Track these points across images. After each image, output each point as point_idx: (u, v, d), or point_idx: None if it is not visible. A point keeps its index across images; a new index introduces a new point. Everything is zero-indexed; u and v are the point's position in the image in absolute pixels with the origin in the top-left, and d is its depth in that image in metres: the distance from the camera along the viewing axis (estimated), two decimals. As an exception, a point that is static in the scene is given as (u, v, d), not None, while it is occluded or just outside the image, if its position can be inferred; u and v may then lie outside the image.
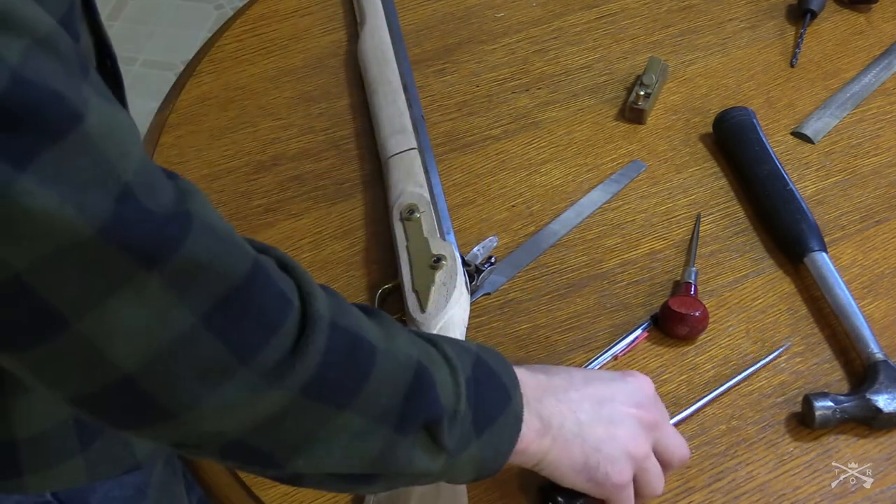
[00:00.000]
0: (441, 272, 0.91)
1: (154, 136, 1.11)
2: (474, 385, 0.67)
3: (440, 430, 0.65)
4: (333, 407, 0.61)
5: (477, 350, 0.70)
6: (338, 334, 0.60)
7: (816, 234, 0.98)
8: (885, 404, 0.86)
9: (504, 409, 0.69)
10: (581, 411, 0.73)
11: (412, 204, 0.97)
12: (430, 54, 1.17)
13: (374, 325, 0.64)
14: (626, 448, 0.74)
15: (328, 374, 0.60)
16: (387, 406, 0.63)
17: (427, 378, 0.64)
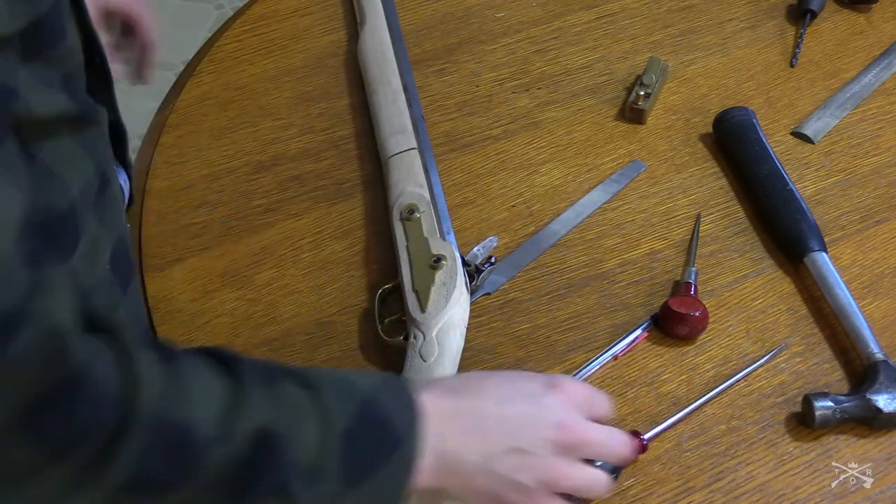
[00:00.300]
0: (441, 272, 0.91)
1: (154, 136, 1.11)
2: (348, 439, 0.64)
3: (293, 492, 0.62)
4: (156, 492, 0.59)
5: (373, 392, 0.67)
6: (162, 430, 0.58)
7: (816, 234, 0.98)
8: (885, 404, 0.86)
9: (389, 457, 0.66)
10: (489, 443, 0.70)
11: (412, 204, 0.97)
12: (430, 54, 1.17)
13: (217, 399, 0.60)
14: (535, 475, 0.70)
15: (147, 471, 0.57)
16: (219, 481, 0.60)
17: (274, 448, 0.61)
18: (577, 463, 0.73)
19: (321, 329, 0.95)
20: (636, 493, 0.84)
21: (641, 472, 0.85)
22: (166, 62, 2.63)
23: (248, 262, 1.00)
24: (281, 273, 0.99)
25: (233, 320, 0.95)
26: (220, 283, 0.98)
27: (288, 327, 0.95)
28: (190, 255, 1.00)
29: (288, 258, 1.00)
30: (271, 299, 0.97)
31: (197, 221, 1.03)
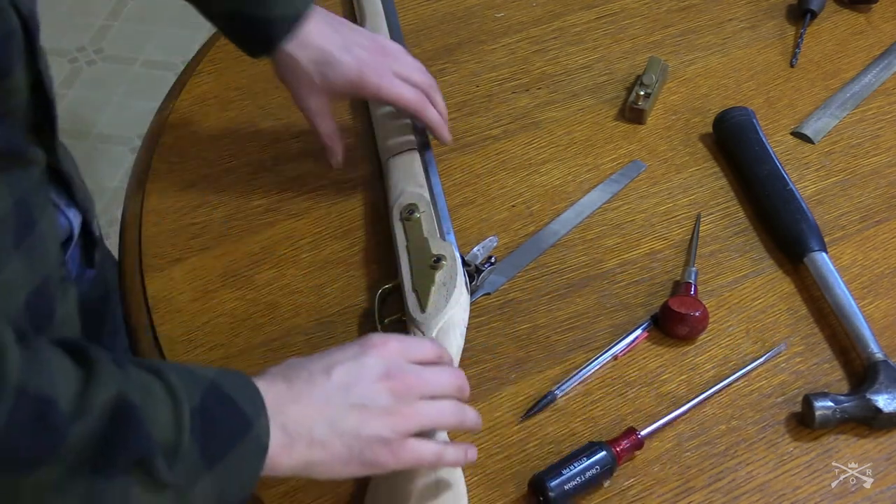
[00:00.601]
0: (441, 272, 0.91)
1: (154, 136, 1.11)
2: (200, 416, 0.66)
3: (155, 466, 0.63)
4: (21, 469, 0.59)
5: (214, 377, 0.69)
6: (24, 402, 0.58)
7: (816, 234, 0.98)
8: (885, 404, 0.86)
9: (242, 437, 0.67)
10: (328, 407, 0.72)
11: (412, 204, 0.97)
12: (430, 54, 1.17)
13: (74, 374, 0.62)
14: (385, 423, 0.73)
15: (11, 441, 0.58)
16: (81, 457, 0.61)
17: (130, 416, 0.62)
18: (419, 402, 0.75)
19: (321, 329, 0.95)
20: (636, 493, 0.84)
21: (641, 472, 0.85)
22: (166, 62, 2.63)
23: (248, 262, 1.00)
24: (281, 273, 0.99)
25: (233, 320, 0.95)
26: (220, 283, 0.98)
27: (288, 327, 0.95)
28: (190, 255, 1.00)
29: (288, 258, 1.00)
30: (271, 299, 0.97)
31: (197, 221, 1.03)
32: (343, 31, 0.99)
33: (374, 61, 0.98)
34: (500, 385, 0.90)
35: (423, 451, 0.74)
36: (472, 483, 0.84)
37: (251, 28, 0.96)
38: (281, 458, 0.70)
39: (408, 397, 0.74)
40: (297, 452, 0.71)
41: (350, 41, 0.98)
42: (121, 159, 2.32)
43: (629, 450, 0.84)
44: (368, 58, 0.97)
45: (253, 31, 0.96)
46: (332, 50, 0.96)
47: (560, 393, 0.90)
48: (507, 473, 0.85)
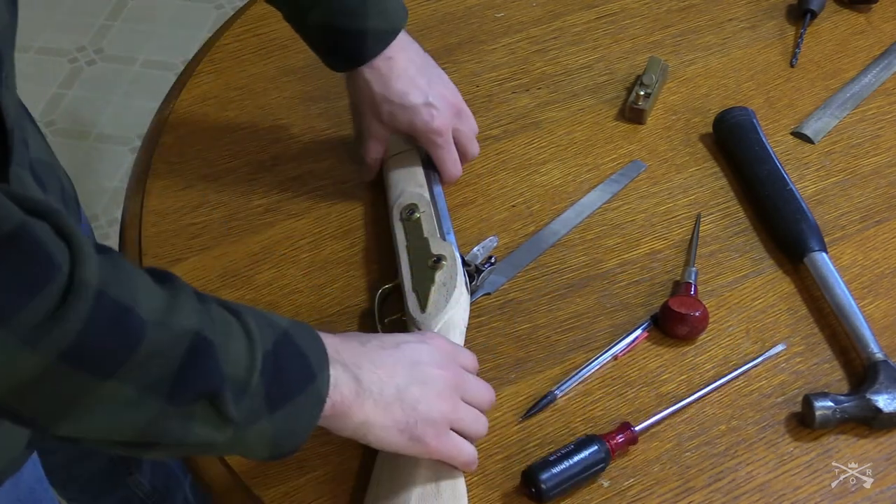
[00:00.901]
0: (441, 272, 0.91)
1: (154, 136, 1.11)
2: (273, 360, 0.68)
3: (223, 401, 0.65)
4: (95, 375, 0.60)
5: (287, 327, 0.71)
6: (104, 304, 0.60)
7: (816, 234, 0.98)
8: (885, 404, 0.86)
9: (305, 388, 0.70)
10: (397, 375, 0.75)
11: (412, 204, 0.97)
12: (430, 54, 1.17)
13: (157, 296, 0.63)
14: (438, 406, 0.77)
15: (89, 343, 0.59)
16: (157, 377, 0.62)
17: (207, 348, 0.64)
18: (463, 402, 0.79)
19: (321, 329, 0.94)
20: (636, 493, 0.84)
21: (641, 472, 0.85)
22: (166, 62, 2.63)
23: (248, 262, 1.00)
24: (281, 273, 0.99)
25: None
26: (220, 283, 0.98)
27: (288, 327, 0.95)
28: (190, 255, 1.00)
29: (288, 258, 1.00)
30: (271, 299, 0.97)
31: (197, 221, 1.03)
32: (428, 71, 1.00)
33: (444, 120, 0.99)
34: (500, 385, 0.90)
35: (462, 447, 0.79)
36: (472, 483, 0.84)
37: (343, 41, 0.96)
38: (352, 408, 0.73)
39: (457, 392, 0.79)
40: (366, 407, 0.73)
41: (432, 88, 0.99)
42: (121, 159, 2.32)
43: (623, 444, 0.84)
44: (441, 112, 0.98)
45: (344, 44, 0.96)
46: (409, 93, 0.98)
47: (560, 393, 0.90)
48: (507, 473, 0.85)
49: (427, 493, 0.79)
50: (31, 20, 2.54)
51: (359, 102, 1.00)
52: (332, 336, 0.75)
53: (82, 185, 2.25)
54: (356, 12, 0.94)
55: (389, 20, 0.97)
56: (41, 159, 0.89)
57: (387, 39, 0.96)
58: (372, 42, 0.96)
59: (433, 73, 1.01)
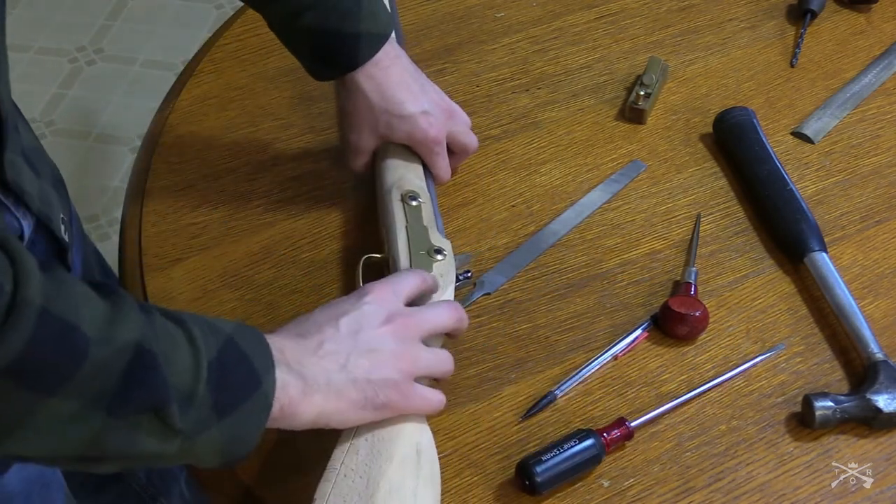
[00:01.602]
0: (440, 264, 0.90)
1: (154, 136, 1.11)
2: (218, 368, 0.68)
3: (169, 413, 0.65)
4: (38, 393, 0.60)
5: (231, 332, 0.70)
6: (47, 322, 0.60)
7: (816, 234, 0.98)
8: (885, 404, 0.86)
9: (252, 394, 0.70)
10: (340, 356, 0.75)
11: (413, 191, 0.96)
12: (430, 54, 1.17)
13: (100, 309, 0.63)
14: (393, 366, 0.77)
15: (32, 362, 0.59)
16: (99, 391, 0.62)
17: (150, 362, 0.64)
18: (421, 345, 0.79)
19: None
20: (636, 493, 0.84)
21: (641, 472, 0.85)
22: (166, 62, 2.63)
23: (248, 262, 1.00)
24: (281, 273, 0.99)
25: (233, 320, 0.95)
26: (220, 283, 0.98)
27: (288, 327, 0.95)
28: (190, 255, 1.00)
29: (288, 258, 1.00)
30: (271, 299, 0.97)
31: (197, 221, 1.03)
32: (419, 78, 0.99)
33: (440, 122, 0.98)
34: (500, 385, 0.90)
35: (430, 395, 0.79)
36: (472, 483, 0.84)
37: (335, 44, 0.95)
38: (300, 407, 0.73)
39: (411, 339, 0.78)
40: (316, 401, 0.74)
41: (425, 94, 0.98)
42: (121, 159, 2.32)
43: (618, 439, 0.84)
44: (436, 119, 0.98)
45: (337, 47, 0.95)
46: (406, 102, 0.97)
47: (560, 393, 0.90)
48: (506, 473, 0.85)
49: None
50: (31, 20, 2.54)
51: (353, 113, 0.98)
52: (275, 335, 0.75)
53: (82, 185, 2.26)
54: (350, 15, 0.94)
55: (380, 24, 0.96)
56: (31, 145, 0.90)
57: (378, 43, 0.96)
58: (365, 45, 0.95)
59: (423, 79, 1.00)
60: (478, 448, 0.86)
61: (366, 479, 0.76)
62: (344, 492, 0.75)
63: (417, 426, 0.80)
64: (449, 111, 1.01)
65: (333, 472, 0.76)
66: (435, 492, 0.79)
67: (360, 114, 0.98)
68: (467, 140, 1.03)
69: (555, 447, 0.83)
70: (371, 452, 0.77)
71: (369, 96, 0.96)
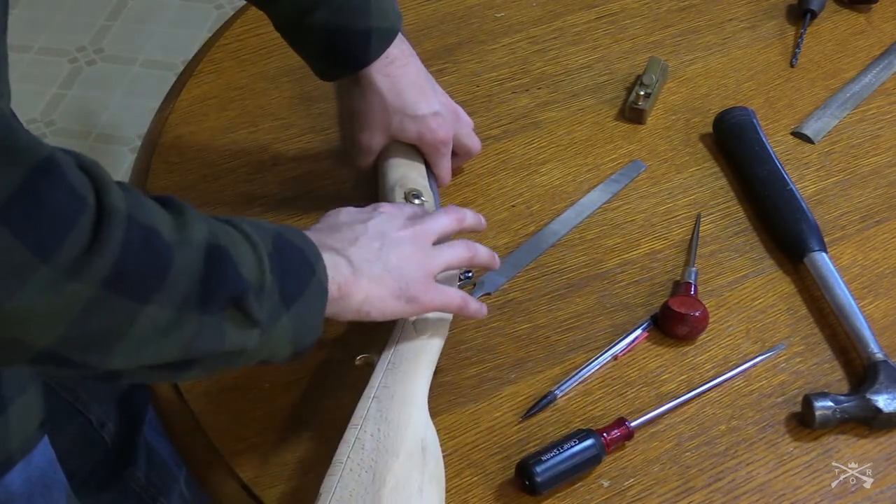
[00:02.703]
0: None
1: (154, 136, 1.11)
2: (278, 259, 0.71)
3: (248, 303, 0.67)
4: (136, 300, 0.62)
5: (277, 228, 0.74)
6: (134, 228, 0.61)
7: (816, 234, 0.98)
8: (885, 404, 0.86)
9: (309, 280, 0.73)
10: (374, 249, 0.80)
11: (417, 189, 0.96)
12: (430, 54, 1.17)
13: (168, 216, 0.65)
14: (417, 264, 0.81)
15: (128, 267, 0.60)
16: (188, 292, 0.64)
17: (223, 256, 0.66)
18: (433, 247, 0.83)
19: (321, 329, 0.94)
20: (636, 493, 0.84)
21: (641, 472, 0.85)
22: (166, 62, 2.63)
23: (248, 262, 1.00)
24: (281, 273, 0.99)
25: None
26: (220, 283, 0.98)
27: (288, 327, 0.95)
28: (190, 255, 1.00)
29: (288, 258, 1.00)
30: (271, 299, 0.97)
31: (197, 221, 1.03)
32: (430, 79, 1.00)
33: (448, 129, 0.99)
34: (500, 385, 0.90)
35: (451, 292, 0.83)
36: (472, 483, 0.84)
37: (346, 42, 0.95)
38: (350, 290, 0.77)
39: (424, 243, 0.83)
40: (363, 286, 0.78)
41: (436, 95, 0.99)
42: (121, 159, 2.31)
43: (618, 439, 0.84)
44: (445, 120, 0.99)
45: (347, 45, 0.95)
46: (419, 102, 0.98)
47: (560, 393, 0.90)
48: (506, 473, 0.85)
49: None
50: (31, 20, 2.54)
51: (366, 112, 0.98)
52: (310, 230, 0.79)
53: (82, 185, 2.25)
54: (359, 11, 0.94)
55: (389, 19, 0.96)
56: None
57: (388, 39, 0.96)
58: (375, 42, 0.95)
59: (432, 80, 1.01)
60: (478, 448, 0.86)
61: (372, 473, 0.76)
62: (350, 486, 0.75)
63: (423, 421, 0.80)
64: (455, 113, 1.01)
65: (339, 467, 0.76)
66: (440, 487, 0.79)
67: (374, 113, 0.98)
68: (471, 143, 1.03)
69: (555, 447, 0.83)
70: (377, 448, 0.77)
71: (385, 95, 0.97)
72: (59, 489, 0.95)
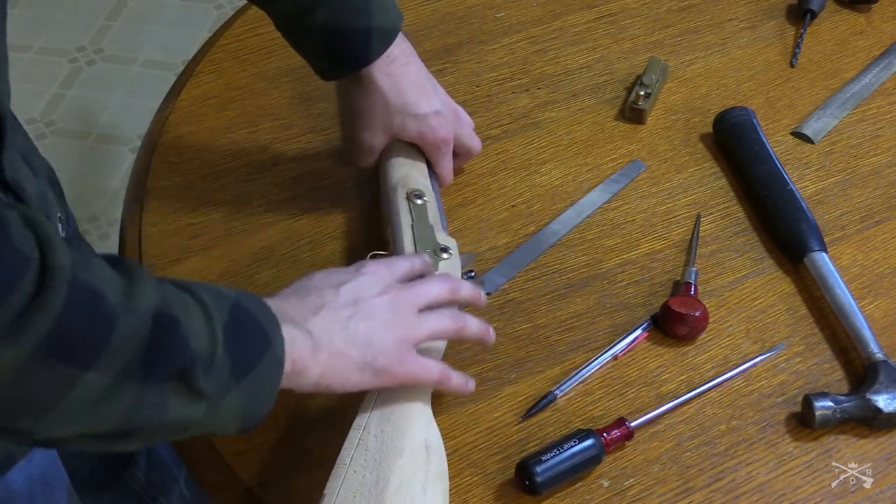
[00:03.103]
0: (445, 262, 0.90)
1: (154, 136, 1.11)
2: (232, 331, 0.68)
3: (194, 376, 0.65)
4: (75, 365, 0.60)
5: (236, 296, 0.71)
6: (77, 289, 0.60)
7: (816, 234, 0.98)
8: (885, 404, 0.86)
9: (264, 354, 0.70)
10: (343, 318, 0.76)
11: (419, 189, 0.96)
12: (430, 54, 1.17)
13: (118, 279, 0.64)
14: (390, 334, 0.77)
15: (68, 329, 0.59)
16: (130, 360, 0.63)
17: (172, 325, 0.65)
18: (417, 315, 0.79)
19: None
20: (636, 493, 0.84)
21: (641, 472, 0.85)
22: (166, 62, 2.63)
23: (248, 262, 1.00)
24: (281, 273, 0.99)
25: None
26: (220, 284, 0.98)
27: (288, 327, 0.95)
28: (190, 255, 1.00)
29: (288, 258, 1.00)
30: (271, 299, 0.97)
31: (197, 221, 1.03)
32: (431, 78, 1.00)
33: (449, 128, 0.99)
34: (500, 385, 0.90)
35: (429, 364, 0.79)
36: (472, 483, 0.84)
37: (347, 41, 0.94)
38: (307, 364, 0.74)
39: (406, 310, 0.79)
40: (322, 359, 0.74)
41: (437, 94, 0.99)
42: (121, 159, 2.31)
43: (618, 439, 0.84)
44: (447, 119, 0.99)
45: (349, 44, 0.95)
46: (420, 101, 0.97)
47: (560, 393, 0.90)
48: (506, 473, 0.85)
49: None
50: (31, 20, 2.53)
51: (368, 111, 0.98)
52: (273, 298, 0.76)
53: (82, 185, 2.26)
54: (361, 10, 0.94)
55: (390, 18, 0.96)
56: (26, 145, 0.90)
57: (390, 38, 0.96)
58: (377, 41, 0.95)
59: (433, 79, 1.01)
60: (478, 448, 0.86)
61: (375, 474, 0.76)
62: (354, 487, 0.75)
63: (425, 421, 0.80)
64: (456, 113, 1.01)
65: (343, 468, 0.76)
66: (444, 486, 0.79)
67: (376, 112, 0.98)
68: (471, 143, 1.03)
69: (555, 447, 0.83)
70: (380, 448, 0.77)
71: (387, 94, 0.96)
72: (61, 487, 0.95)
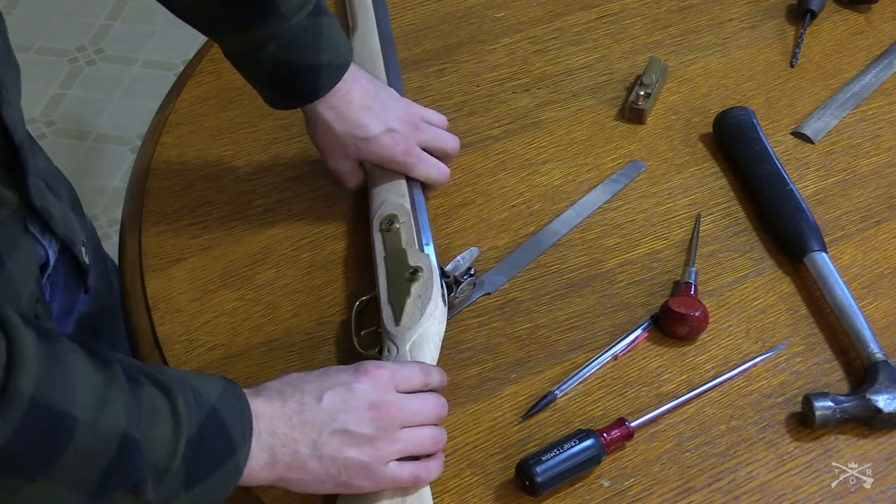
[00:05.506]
0: (417, 284, 0.90)
1: (154, 136, 1.11)
2: (195, 444, 0.69)
3: (144, 490, 0.66)
4: (21, 478, 0.61)
5: (216, 401, 0.71)
6: (36, 412, 0.60)
7: (816, 234, 0.98)
8: (885, 404, 0.86)
9: (224, 463, 0.71)
10: (314, 431, 0.76)
11: (392, 214, 0.96)
12: (430, 54, 1.17)
13: (93, 387, 0.64)
14: (364, 451, 0.77)
15: (17, 449, 0.60)
16: (83, 477, 0.64)
17: (133, 449, 0.65)
18: (400, 430, 0.79)
19: (321, 329, 0.95)
20: (636, 493, 0.84)
21: (641, 472, 0.85)
22: (166, 62, 2.63)
23: (248, 262, 1.00)
24: (281, 273, 0.99)
25: (233, 320, 0.95)
26: (220, 283, 0.98)
27: (288, 327, 0.95)
28: (190, 255, 1.00)
29: (288, 258, 1.00)
30: (271, 299, 0.97)
31: (197, 221, 1.03)
32: (381, 97, 0.99)
33: (407, 136, 0.98)
34: (500, 385, 0.90)
35: (400, 475, 0.79)
36: (472, 483, 0.84)
37: (296, 76, 0.94)
38: (259, 473, 0.74)
39: (390, 427, 0.78)
40: (278, 469, 0.75)
41: (387, 111, 0.98)
42: (121, 159, 2.32)
43: (618, 439, 0.84)
44: (401, 134, 0.98)
45: (298, 79, 0.94)
46: (369, 124, 0.97)
47: (560, 393, 0.90)
48: (506, 473, 0.85)
49: None
50: (31, 20, 2.54)
51: (324, 143, 0.99)
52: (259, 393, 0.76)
53: (82, 185, 2.25)
54: (311, 46, 0.93)
55: (341, 54, 0.95)
56: (47, 168, 0.90)
57: (339, 73, 0.95)
58: (326, 76, 0.94)
59: (384, 95, 1.00)
60: (478, 448, 0.86)
61: None
62: None
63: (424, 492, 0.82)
64: (414, 123, 0.99)
65: None
66: None
67: (329, 143, 0.98)
68: (443, 144, 1.02)
69: (555, 447, 0.83)
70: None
71: (332, 126, 0.97)
72: None
